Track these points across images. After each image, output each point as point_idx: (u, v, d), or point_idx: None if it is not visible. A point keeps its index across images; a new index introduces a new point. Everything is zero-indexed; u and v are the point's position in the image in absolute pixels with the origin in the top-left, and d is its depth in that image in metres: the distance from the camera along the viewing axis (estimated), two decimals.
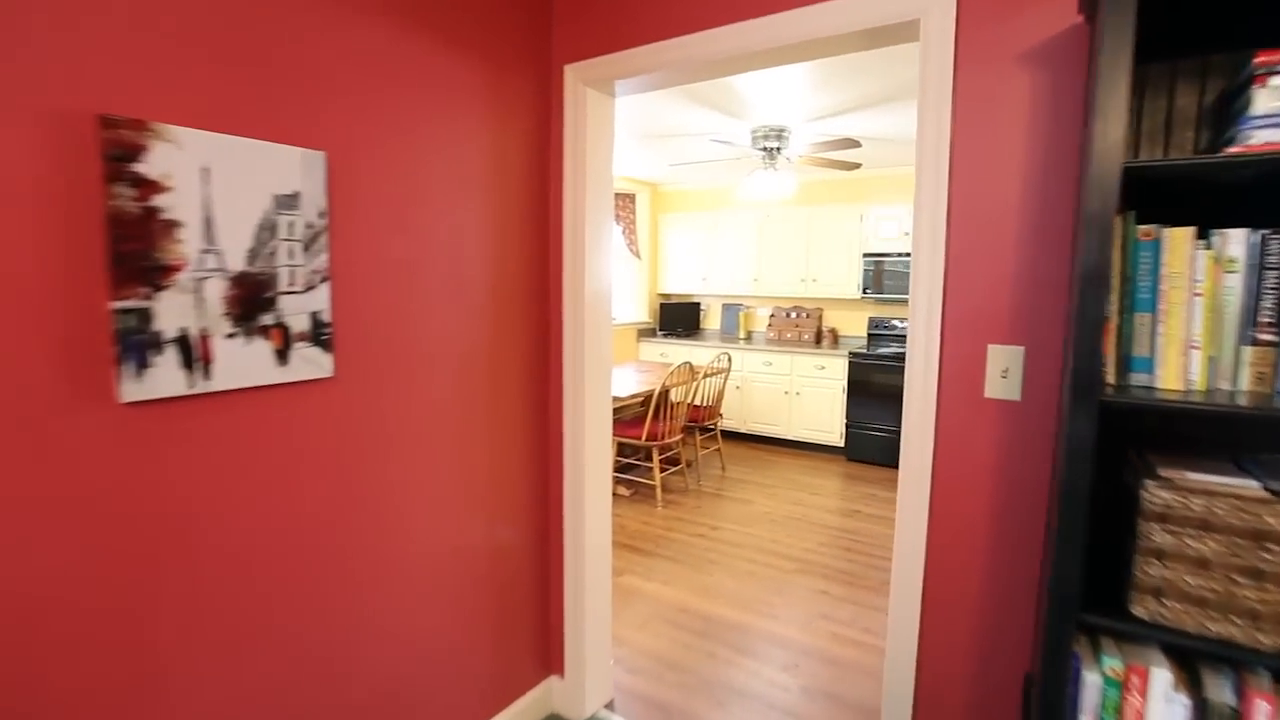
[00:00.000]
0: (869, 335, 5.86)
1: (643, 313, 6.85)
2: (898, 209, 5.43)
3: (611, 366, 2.27)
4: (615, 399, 4.23)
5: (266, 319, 1.35)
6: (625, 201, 6.53)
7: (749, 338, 6.61)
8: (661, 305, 6.73)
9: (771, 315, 6.47)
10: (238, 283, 1.30)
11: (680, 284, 6.76)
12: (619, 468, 4.67)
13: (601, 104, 2.07)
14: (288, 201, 1.37)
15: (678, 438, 4.56)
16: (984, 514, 1.45)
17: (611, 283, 2.23)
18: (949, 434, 1.47)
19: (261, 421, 1.38)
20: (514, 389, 2.06)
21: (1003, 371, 1.41)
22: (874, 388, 5.31)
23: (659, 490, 4.45)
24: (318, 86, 1.44)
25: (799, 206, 5.98)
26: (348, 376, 1.55)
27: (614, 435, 4.51)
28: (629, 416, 4.78)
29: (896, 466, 5.61)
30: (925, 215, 1.46)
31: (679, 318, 6.80)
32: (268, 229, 1.34)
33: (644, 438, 4.36)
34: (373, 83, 1.56)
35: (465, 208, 1.84)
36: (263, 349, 1.35)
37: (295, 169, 1.38)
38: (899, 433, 5.21)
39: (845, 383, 5.50)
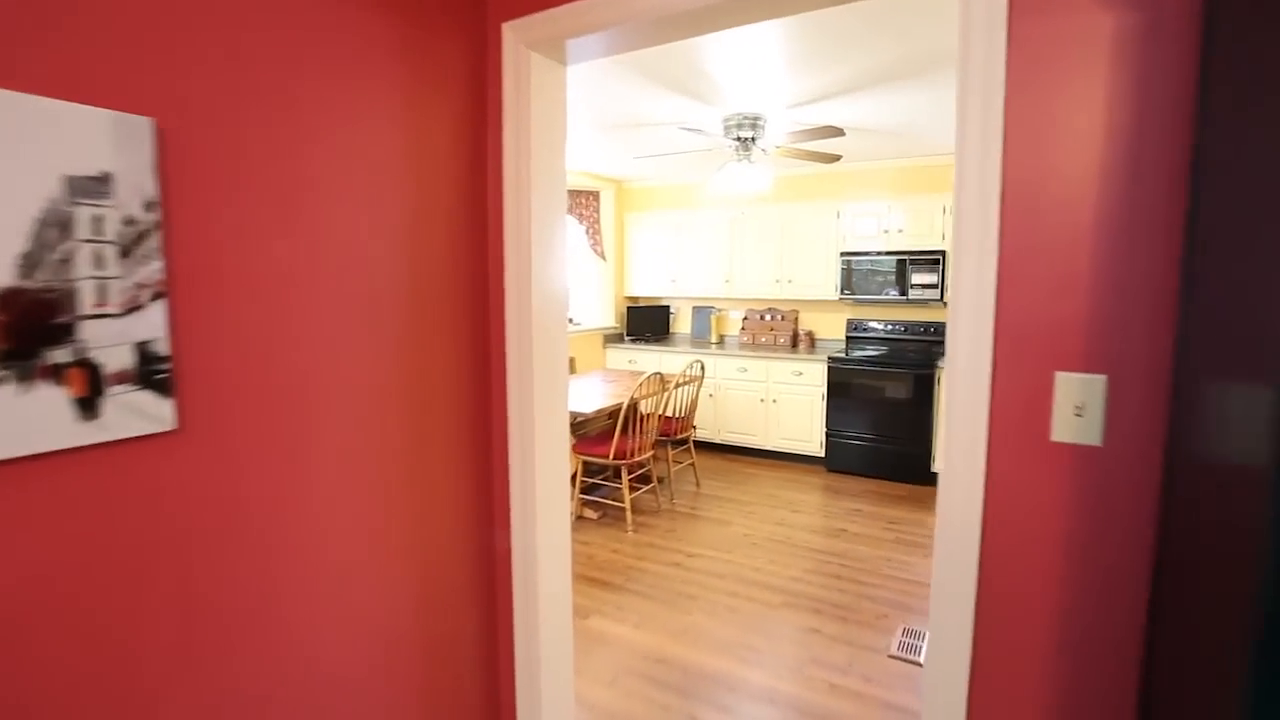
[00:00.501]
0: (847, 338, 5.57)
1: (609, 317, 6.47)
2: (876, 205, 5.15)
3: (567, 382, 1.89)
4: (579, 415, 3.84)
5: (57, 355, 0.94)
6: (588, 199, 6.14)
7: (721, 342, 6.28)
8: (629, 309, 6.36)
9: (745, 318, 6.15)
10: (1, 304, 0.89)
11: (648, 286, 6.39)
12: (585, 488, 4.29)
13: (550, 72, 1.69)
14: (90, 187, 0.96)
15: (649, 454, 4.20)
16: (1049, 609, 1.10)
17: (567, 286, 1.85)
18: (1002, 490, 1.13)
19: (48, 507, 0.97)
20: (445, 421, 1.66)
21: (1076, 407, 1.07)
22: (854, 393, 5.02)
23: (629, 513, 4.08)
24: (141, 21, 1.03)
25: (772, 204, 5.66)
26: (200, 429, 1.14)
27: (578, 453, 4.13)
28: (595, 432, 4.40)
29: (879, 476, 5.41)
30: (970, 201, 1.11)
31: (647, 322, 6.44)
32: (55, 226, 0.93)
33: (612, 456, 3.98)
34: (234, 26, 1.15)
35: (375, 200, 1.44)
36: (51, 398, 0.94)
37: (102, 140, 0.97)
38: (881, 441, 4.92)
39: (824, 389, 5.20)
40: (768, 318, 6.02)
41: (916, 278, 4.98)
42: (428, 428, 1.60)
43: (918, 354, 5.08)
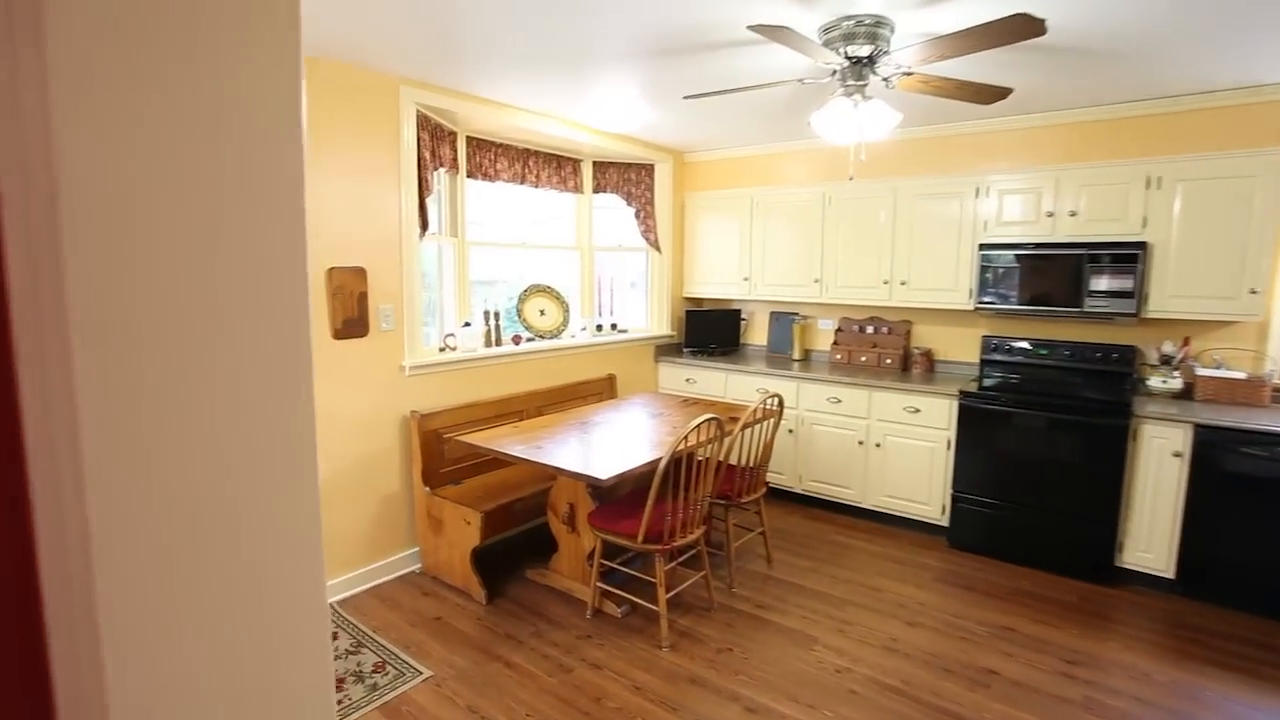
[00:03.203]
0: (983, 362, 4.07)
1: (663, 323, 5.19)
2: (1037, 175, 3.63)
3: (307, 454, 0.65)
4: (593, 479, 2.59)
5: None
6: (639, 175, 4.88)
7: (806, 359, 4.89)
8: (688, 314, 5.07)
9: (839, 330, 4.73)
10: None
11: (714, 285, 5.07)
12: (604, 572, 3.05)
13: None
14: None
15: (698, 533, 2.90)
16: None
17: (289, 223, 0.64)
18: None
19: None
20: None
21: None
22: (997, 442, 3.55)
23: (665, 618, 2.80)
24: None
25: (880, 178, 4.22)
26: None
27: (595, 528, 2.88)
28: (624, 492, 3.15)
29: (1033, 565, 3.37)
30: None
31: (711, 330, 5.12)
32: None
33: (641, 537, 2.72)
34: None
35: None
36: None
37: None
38: (1037, 514, 3.43)
39: (952, 433, 3.74)
40: (869, 330, 4.58)
41: (1098, 281, 3.45)
42: None
43: (1097, 391, 3.54)
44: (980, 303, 3.82)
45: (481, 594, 3.10)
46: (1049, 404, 3.41)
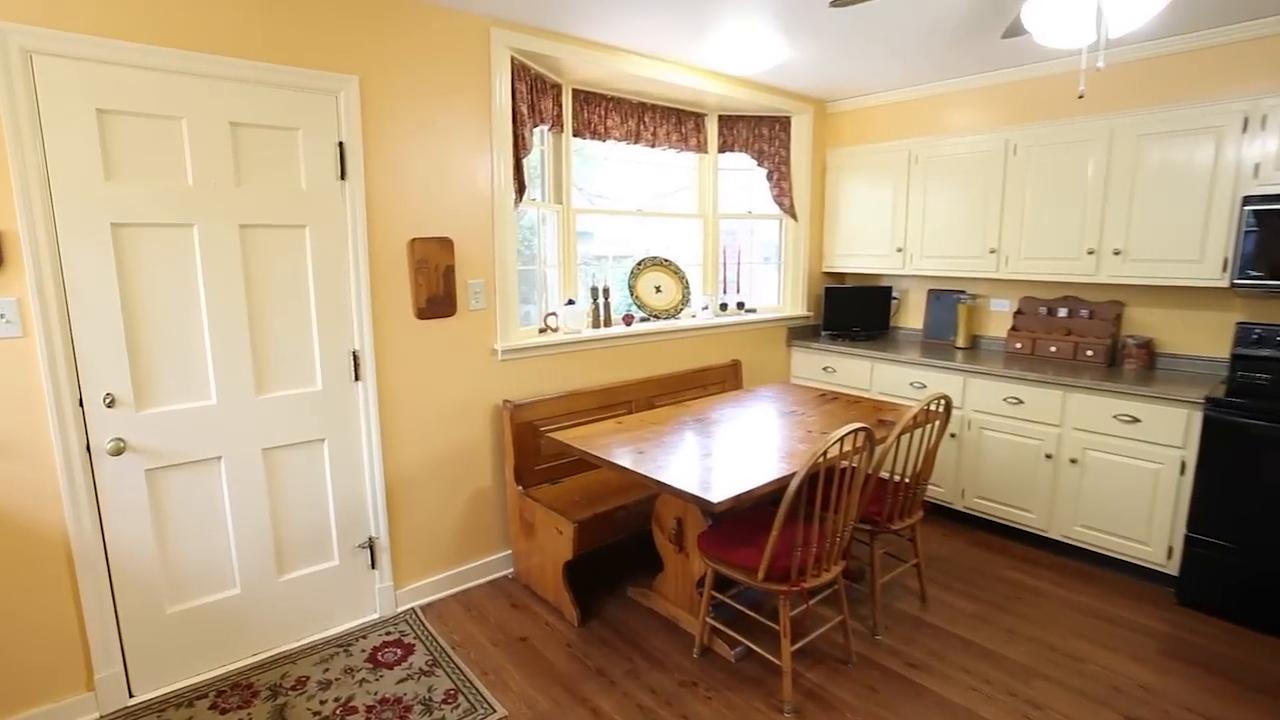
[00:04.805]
0: (1236, 358, 3.05)
1: (797, 302, 4.51)
2: None
3: None
4: (710, 505, 2.05)
5: None
6: (772, 129, 4.20)
7: (973, 347, 4.03)
8: (828, 291, 4.35)
9: (1018, 312, 3.82)
10: None
11: (860, 258, 4.31)
12: (714, 605, 2.52)
13: None
14: None
15: (836, 572, 2.29)
16: None
17: None
18: None
19: None
20: None
21: None
22: (1265, 471, 2.59)
23: (787, 678, 2.23)
24: None
25: (1089, 115, 3.25)
26: None
27: (705, 555, 2.36)
28: (745, 507, 2.58)
29: None
30: None
31: (856, 311, 4.37)
32: None
33: (762, 575, 2.16)
34: None
35: None
36: None
37: None
38: None
39: (1190, 453, 2.81)
40: (1062, 312, 3.64)
41: None
42: None
43: None
44: (1241, 278, 2.81)
45: (574, 614, 2.70)
46: None
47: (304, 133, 2.38)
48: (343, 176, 2.47)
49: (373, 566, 2.73)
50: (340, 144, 2.45)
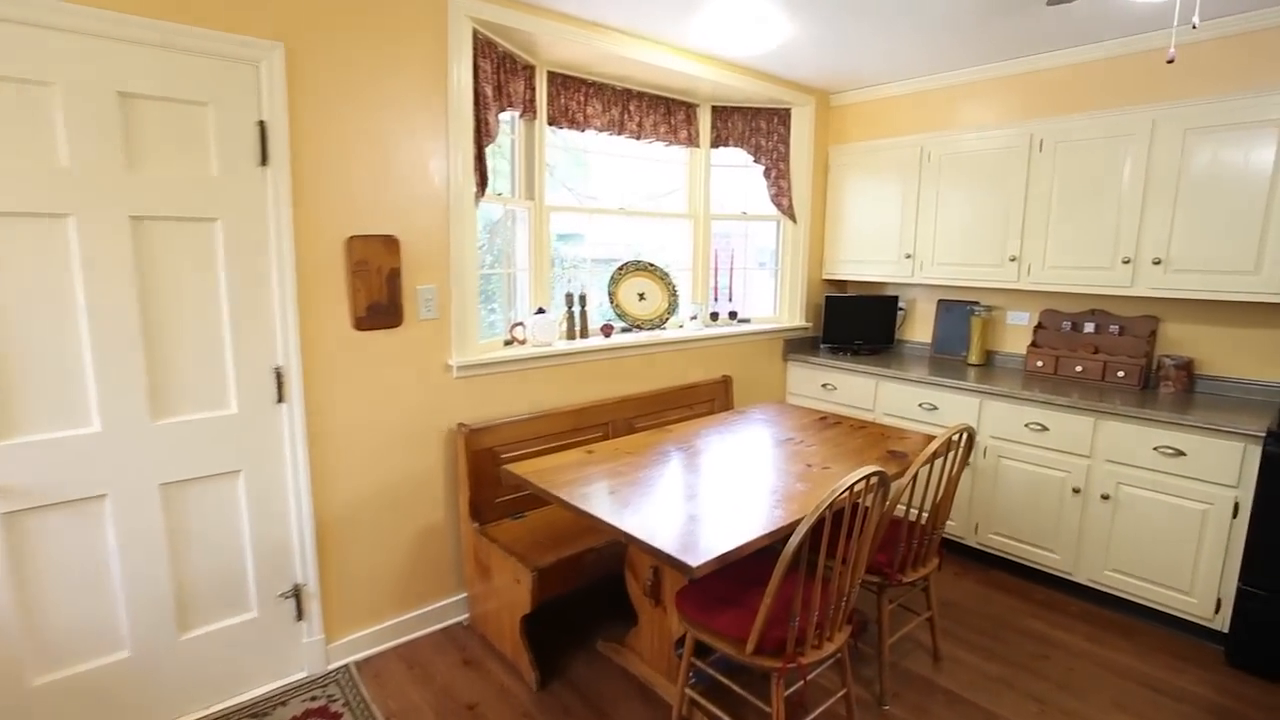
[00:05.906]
0: None
1: (795, 312, 4.14)
2: None
3: None
4: (690, 569, 1.68)
5: None
6: (769, 122, 3.83)
7: (987, 364, 3.67)
8: (828, 301, 3.98)
9: (1039, 326, 3.46)
10: None
11: (864, 265, 3.95)
12: (694, 672, 2.15)
13: None
14: None
15: (837, 644, 1.91)
16: None
17: None
18: None
19: None
20: None
21: None
22: None
23: None
24: None
25: (1126, 106, 2.89)
26: None
27: (685, 618, 1.98)
28: (734, 562, 2.20)
29: None
30: None
31: (858, 321, 4.01)
32: None
33: (751, 646, 1.78)
34: None
35: None
36: None
37: None
38: None
39: (1244, 493, 2.45)
40: (1089, 328, 3.28)
41: None
42: None
43: None
44: None
45: (532, 676, 2.31)
46: None
47: (215, 108, 1.99)
48: (264, 162, 2.09)
49: (300, 618, 2.34)
50: (261, 123, 2.07)
